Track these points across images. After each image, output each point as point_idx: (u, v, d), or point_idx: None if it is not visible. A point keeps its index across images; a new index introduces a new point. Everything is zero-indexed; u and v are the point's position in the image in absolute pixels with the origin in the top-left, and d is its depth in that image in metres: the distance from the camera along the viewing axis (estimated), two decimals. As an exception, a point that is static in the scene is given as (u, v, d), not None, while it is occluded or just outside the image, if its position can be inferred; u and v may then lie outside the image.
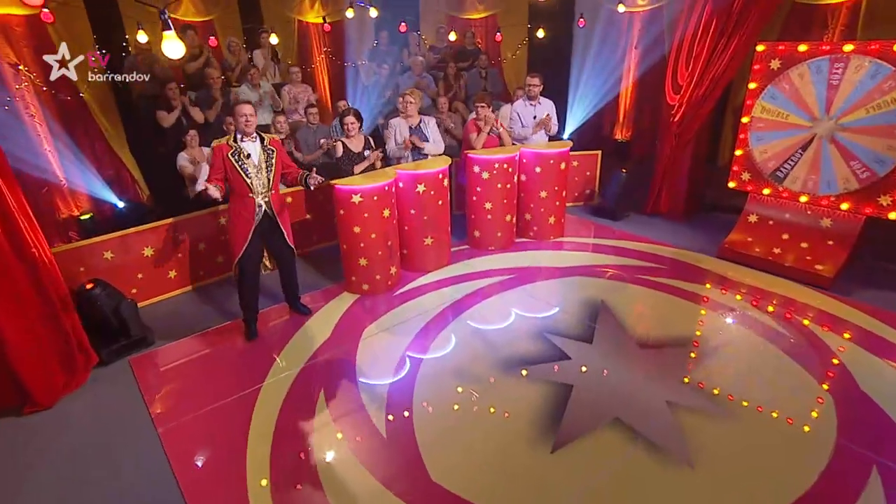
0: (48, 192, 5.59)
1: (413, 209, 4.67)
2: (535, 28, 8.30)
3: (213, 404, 3.24)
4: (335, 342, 3.86)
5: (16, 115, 5.19)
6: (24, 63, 5.32)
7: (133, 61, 5.94)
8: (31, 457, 2.89)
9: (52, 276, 3.36)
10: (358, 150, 4.66)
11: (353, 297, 4.53)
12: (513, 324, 4.02)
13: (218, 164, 3.52)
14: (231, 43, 6.59)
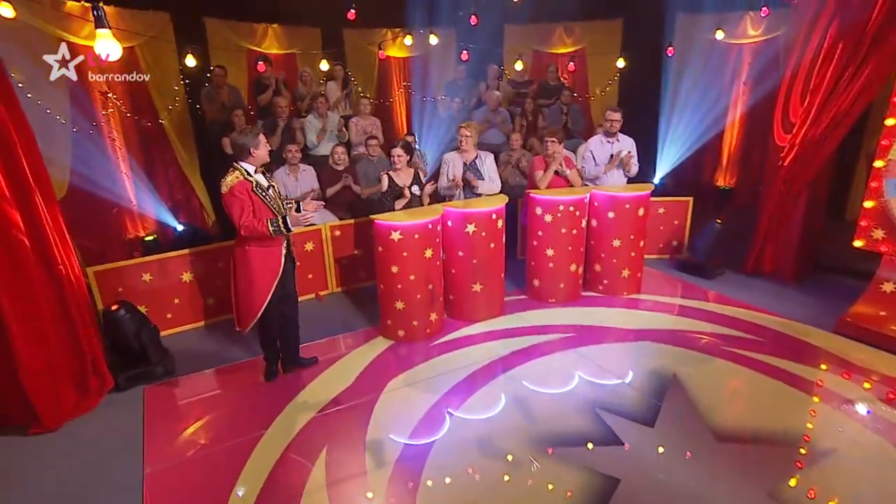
0: (118, 213, 6.03)
1: (461, 251, 4.40)
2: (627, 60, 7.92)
3: (210, 448, 3.10)
4: (355, 392, 3.62)
5: (99, 139, 5.70)
6: (113, 91, 5.88)
7: (209, 91, 6.37)
8: (12, 482, 2.88)
9: (77, 294, 3.47)
10: (404, 184, 4.52)
11: (387, 343, 4.30)
12: (561, 392, 3.54)
13: (248, 203, 3.30)
14: (304, 73, 6.90)
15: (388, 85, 8.88)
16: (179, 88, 6.54)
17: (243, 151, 3.32)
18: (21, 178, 3.17)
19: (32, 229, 3.22)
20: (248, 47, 7.10)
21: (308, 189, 5.53)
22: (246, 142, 3.32)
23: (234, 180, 3.28)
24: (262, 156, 3.38)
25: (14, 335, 3.11)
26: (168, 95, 6.42)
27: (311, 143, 6.27)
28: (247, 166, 3.36)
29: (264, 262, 3.42)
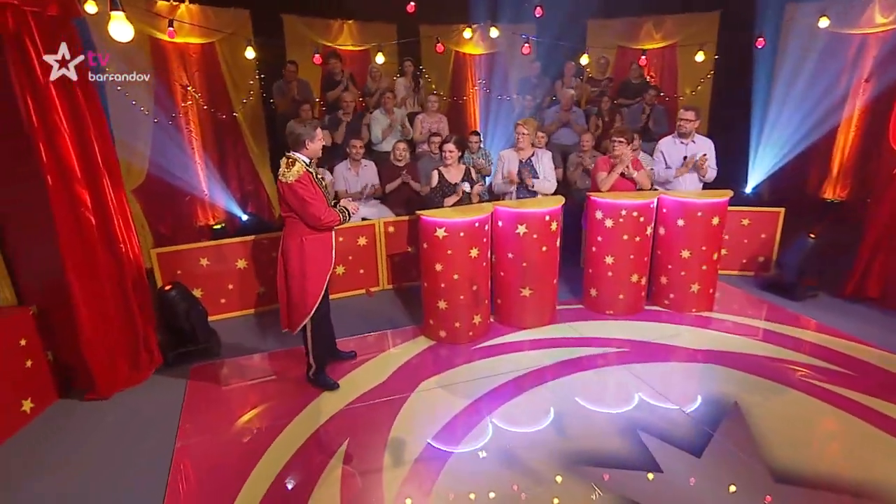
0: (191, 202, 6.56)
1: (511, 253, 4.35)
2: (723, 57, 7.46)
3: (238, 429, 3.30)
4: (387, 389, 3.69)
5: (177, 129, 6.25)
6: (193, 85, 6.43)
7: (281, 85, 6.78)
8: (64, 440, 3.23)
9: (135, 273, 3.81)
10: (455, 180, 4.54)
11: (427, 343, 4.34)
12: (601, 409, 3.39)
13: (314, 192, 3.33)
14: (373, 69, 7.13)
15: (463, 82, 8.98)
16: (254, 83, 7.01)
17: (299, 142, 3.37)
18: (92, 162, 3.54)
19: (99, 209, 3.58)
20: (322, 43, 7.46)
21: (367, 184, 5.71)
22: (303, 132, 3.34)
23: (299, 171, 3.30)
24: (315, 149, 3.42)
25: (79, 308, 3.47)
26: (243, 89, 6.91)
27: (376, 139, 6.48)
28: (304, 158, 3.39)
29: (320, 256, 3.44)
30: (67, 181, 3.38)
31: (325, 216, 3.34)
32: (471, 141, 6.21)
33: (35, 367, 3.50)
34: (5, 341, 3.32)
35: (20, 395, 3.39)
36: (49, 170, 3.28)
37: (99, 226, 3.58)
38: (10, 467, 3.02)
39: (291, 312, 3.53)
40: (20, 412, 3.38)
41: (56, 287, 3.48)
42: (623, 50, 8.59)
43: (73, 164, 3.39)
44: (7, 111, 3.21)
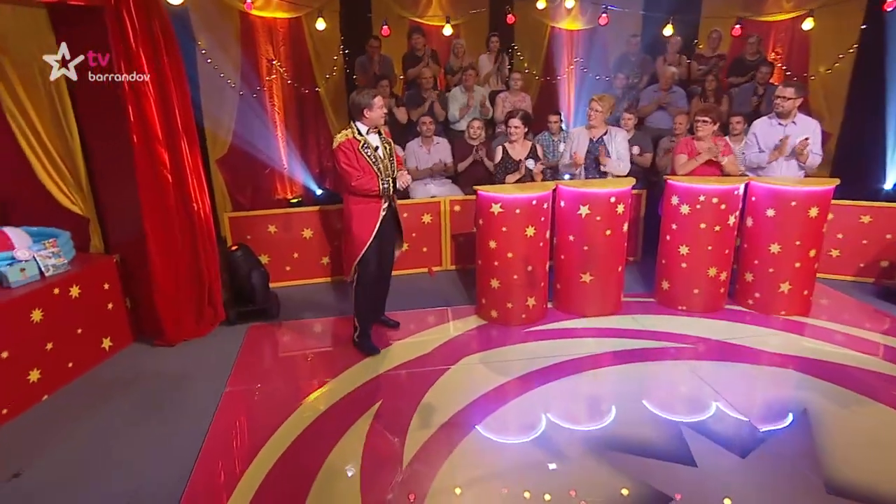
0: (270, 174, 7.24)
1: (572, 235, 4.44)
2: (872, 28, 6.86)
3: (280, 384, 3.75)
4: (428, 360, 3.97)
5: (260, 103, 6.93)
6: (278, 59, 7.09)
7: (363, 61, 7.26)
8: (133, 377, 3.86)
9: (205, 231, 4.38)
10: (519, 157, 4.69)
11: (479, 323, 4.55)
12: (642, 399, 3.43)
13: (354, 159, 3.78)
14: (457, 46, 7.40)
15: (558, 61, 8.99)
16: (338, 58, 7.57)
17: (358, 110, 3.78)
18: (172, 125, 4.13)
19: (175, 168, 4.17)
20: (408, 17, 7.85)
21: (437, 162, 6.01)
22: (360, 101, 3.75)
23: (343, 137, 3.78)
24: (374, 118, 3.79)
25: (153, 259, 4.08)
26: (327, 65, 7.49)
27: (453, 118, 6.75)
28: (360, 126, 3.81)
29: (364, 217, 3.88)
30: (150, 141, 3.99)
31: (355, 182, 3.74)
32: (550, 121, 6.29)
33: (115, 310, 4.17)
34: (93, 284, 3.99)
35: (101, 333, 4.07)
36: (135, 129, 3.90)
37: (175, 184, 4.18)
38: (89, 394, 3.67)
39: (344, 263, 4.06)
40: (100, 348, 4.06)
41: (136, 239, 4.11)
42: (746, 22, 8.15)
43: (155, 126, 4.00)
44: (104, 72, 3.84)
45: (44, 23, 3.85)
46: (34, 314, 3.53)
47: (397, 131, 6.51)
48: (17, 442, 3.19)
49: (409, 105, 6.80)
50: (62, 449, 3.13)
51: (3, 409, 3.35)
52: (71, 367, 3.80)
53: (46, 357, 3.61)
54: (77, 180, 4.13)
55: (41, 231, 4.05)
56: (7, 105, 3.82)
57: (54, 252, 3.83)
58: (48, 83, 3.87)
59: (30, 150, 3.94)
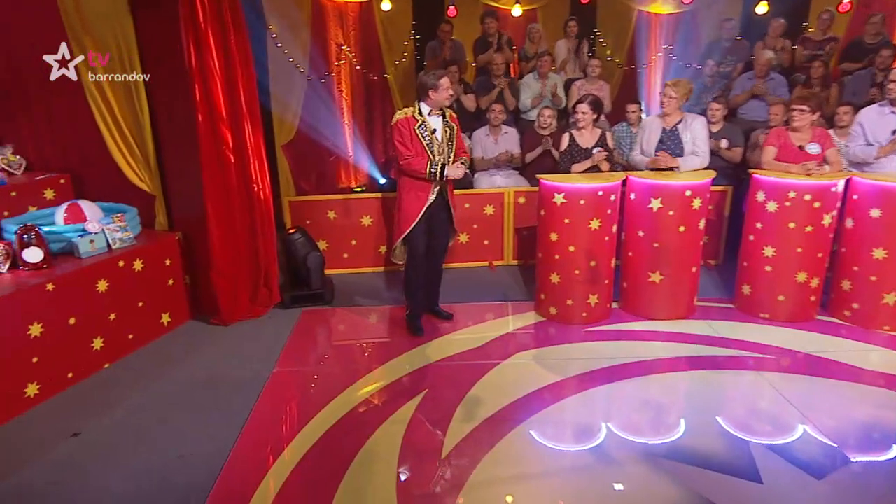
0: (335, 162, 7.52)
1: (642, 230, 4.35)
2: None
3: (327, 368, 3.94)
4: (478, 354, 4.04)
5: (328, 89, 7.21)
6: (347, 44, 7.35)
7: (434, 46, 7.40)
8: (187, 353, 4.16)
9: (264, 213, 4.64)
10: (587, 145, 4.64)
11: (536, 319, 4.57)
12: (710, 409, 3.32)
13: (408, 139, 3.98)
14: (532, 30, 7.39)
15: (643, 47, 8.77)
16: (409, 43, 7.76)
17: (423, 91, 4.00)
18: (237, 105, 4.41)
19: (238, 149, 4.45)
20: (484, 2, 7.92)
21: (504, 151, 6.04)
22: (427, 81, 3.97)
23: (402, 114, 4.02)
24: (439, 99, 3.98)
25: (213, 238, 4.38)
26: (397, 50, 7.69)
27: (524, 106, 6.77)
28: (423, 106, 4.01)
29: (412, 197, 4.08)
30: (214, 120, 4.28)
31: (403, 161, 3.96)
32: (629, 110, 6.17)
33: (175, 287, 4.50)
34: (155, 259, 4.33)
35: (161, 308, 4.40)
36: (200, 108, 4.19)
37: (237, 164, 4.46)
38: (146, 366, 4.00)
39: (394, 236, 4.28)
40: (159, 323, 4.39)
41: (198, 217, 4.41)
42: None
43: (220, 106, 4.29)
44: (174, 52, 4.15)
45: (122, 5, 4.20)
46: (100, 284, 3.88)
47: (466, 119, 6.58)
48: (79, 405, 3.53)
49: (478, 92, 6.86)
50: (118, 414, 3.43)
51: (69, 373, 3.71)
52: (131, 338, 4.14)
53: (109, 326, 3.95)
54: (146, 158, 4.48)
55: (111, 206, 4.43)
56: (86, 81, 4.22)
57: (121, 226, 4.18)
58: (124, 61, 4.23)
59: (105, 126, 4.34)
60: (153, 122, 4.43)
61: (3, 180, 4.27)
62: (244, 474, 2.87)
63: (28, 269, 3.69)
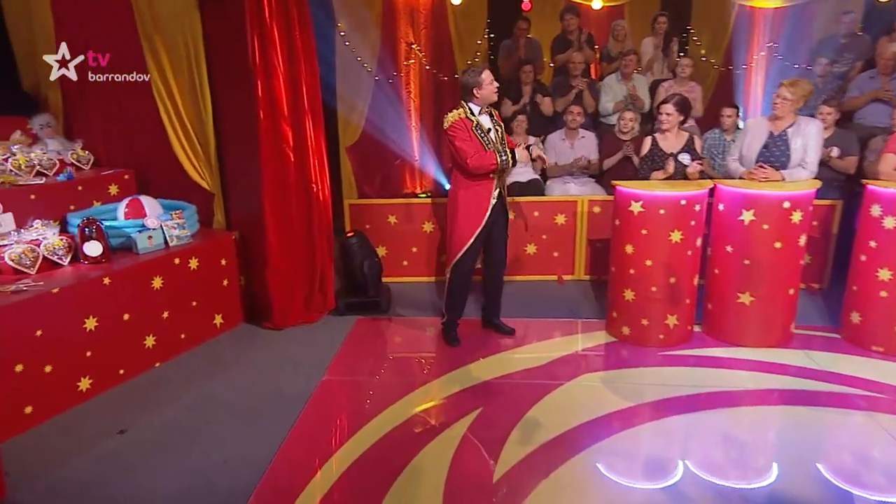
0: (400, 166, 7.62)
1: (731, 245, 4.15)
2: None
3: (379, 379, 3.98)
4: (541, 373, 3.96)
5: (396, 89, 7.34)
6: (418, 43, 7.47)
7: (509, 44, 7.40)
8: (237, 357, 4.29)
9: (322, 215, 4.76)
10: (672, 150, 4.48)
11: (607, 340, 4.45)
12: (814, 460, 3.08)
13: (469, 138, 3.96)
14: (616, 27, 7.25)
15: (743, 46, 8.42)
16: (482, 42, 7.80)
17: (468, 91, 4.02)
18: (298, 102, 4.56)
19: (298, 147, 4.59)
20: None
21: (580, 157, 5.94)
22: (469, 80, 4.00)
23: (455, 116, 4.02)
24: (486, 95, 4.01)
25: (270, 238, 4.51)
26: (469, 49, 7.75)
27: (605, 110, 6.65)
28: (472, 106, 4.04)
29: (472, 204, 4.06)
30: (276, 117, 4.43)
31: (471, 159, 3.90)
32: (724, 115, 5.94)
33: (229, 288, 4.67)
34: (211, 258, 4.51)
35: (214, 308, 4.57)
36: (262, 104, 4.35)
37: (296, 163, 4.59)
38: (197, 367, 4.15)
39: (448, 254, 4.27)
40: (212, 324, 4.56)
41: (255, 217, 4.57)
42: None
43: (282, 102, 4.44)
44: (239, 48, 4.34)
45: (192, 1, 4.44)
46: (155, 281, 4.07)
47: (541, 123, 6.57)
48: (129, 402, 3.70)
49: (554, 94, 6.80)
50: (166, 413, 3.58)
51: (121, 369, 3.90)
52: (183, 338, 4.32)
53: (162, 325, 4.14)
54: (207, 156, 4.69)
55: (171, 203, 4.65)
56: (154, 78, 4.48)
57: (179, 223, 4.38)
58: (190, 57, 4.47)
59: (169, 123, 4.60)
60: (215, 120, 4.64)
61: (71, 174, 4.57)
62: (287, 482, 2.92)
63: (88, 263, 3.92)
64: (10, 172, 4.30)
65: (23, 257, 3.70)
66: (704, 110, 7.02)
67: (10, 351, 3.27)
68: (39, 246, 3.80)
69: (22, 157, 4.40)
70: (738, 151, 4.48)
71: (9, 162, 4.31)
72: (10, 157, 4.35)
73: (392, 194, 7.29)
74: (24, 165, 4.38)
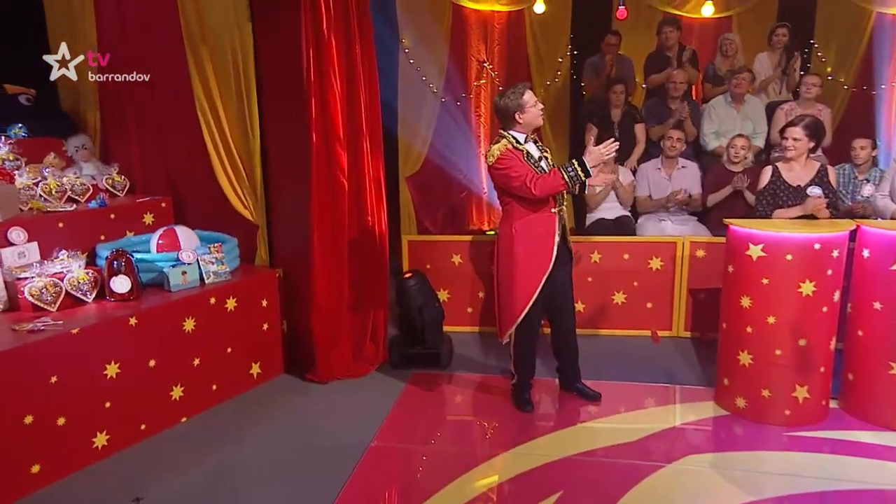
0: (466, 199, 7.49)
1: (880, 302, 3.77)
2: None
3: (437, 447, 3.83)
4: (634, 450, 3.69)
5: (464, 112, 7.27)
6: (490, 61, 7.41)
7: (595, 62, 7.23)
8: (275, 412, 4.19)
9: (377, 252, 4.65)
10: (798, 182, 4.16)
11: (717, 413, 4.13)
12: None
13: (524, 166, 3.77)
14: (725, 42, 6.92)
15: (882, 62, 7.93)
16: (564, 60, 7.67)
17: (508, 117, 3.84)
18: (356, 123, 4.49)
19: (354, 174, 4.50)
20: (662, 10, 7.64)
21: (678, 190, 5.67)
22: (510, 104, 3.78)
23: (502, 147, 3.80)
24: (530, 119, 3.83)
25: (317, 276, 4.40)
26: (549, 68, 7.63)
27: (706, 139, 6.36)
28: (515, 134, 3.87)
29: (532, 250, 3.84)
30: (329, 139, 4.36)
31: (536, 186, 3.68)
32: (855, 147, 5.55)
33: (269, 333, 4.58)
34: (251, 298, 4.43)
35: (252, 356, 4.47)
36: (315, 125, 4.29)
37: (351, 192, 4.50)
38: (228, 425, 4.04)
39: (500, 315, 4.08)
40: (248, 374, 4.46)
41: (302, 253, 4.47)
42: None
43: (337, 123, 4.36)
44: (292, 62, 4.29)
45: (242, 9, 4.46)
46: (187, 323, 4.01)
47: (629, 150, 6.37)
48: (149, 463, 3.61)
49: (648, 119, 6.59)
50: (188, 478, 3.45)
51: (142, 424, 3.82)
52: (215, 389, 4.22)
53: (192, 374, 4.05)
54: (252, 182, 4.66)
55: (210, 235, 4.64)
56: (198, 95, 4.52)
57: (218, 258, 4.33)
58: (239, 74, 4.48)
59: (213, 146, 4.61)
60: (263, 142, 4.61)
61: (104, 201, 4.61)
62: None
63: (114, 300, 3.90)
64: (39, 198, 4.35)
65: (44, 292, 3.69)
66: (831, 138, 6.61)
67: (21, 399, 3.21)
68: (63, 280, 3.79)
69: (53, 181, 4.46)
70: (888, 185, 4.16)
71: (39, 187, 4.37)
72: (41, 182, 4.42)
73: (456, 230, 7.16)
74: (54, 191, 4.43)
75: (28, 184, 4.34)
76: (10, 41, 5.01)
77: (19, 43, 5.22)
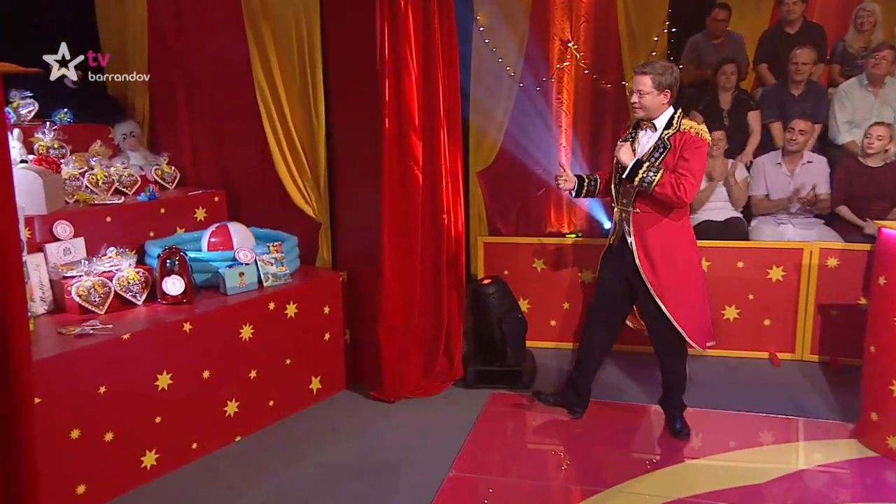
0: (544, 196, 7.36)
1: None
2: None
3: (520, 479, 3.78)
4: (760, 496, 3.52)
5: (544, 98, 7.14)
6: (575, 40, 7.27)
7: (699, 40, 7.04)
8: (336, 434, 4.17)
9: (453, 254, 4.60)
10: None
11: (862, 453, 3.92)
12: None
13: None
14: (861, 13, 6.55)
15: None
16: (660, 39, 7.47)
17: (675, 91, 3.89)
18: (433, 108, 4.44)
19: (429, 166, 4.46)
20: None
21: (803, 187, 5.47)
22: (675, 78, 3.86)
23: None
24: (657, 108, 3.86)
25: (387, 281, 4.34)
26: (643, 49, 7.44)
27: (833, 133, 6.15)
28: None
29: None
30: (403, 126, 4.31)
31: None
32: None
33: (331, 343, 4.58)
34: (312, 305, 4.42)
35: (312, 370, 4.47)
36: (388, 111, 4.24)
37: (426, 187, 4.46)
38: (284, 444, 4.03)
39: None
40: (307, 389, 4.45)
41: (369, 254, 4.44)
42: None
43: (413, 109, 4.32)
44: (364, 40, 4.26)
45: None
46: (244, 330, 4.01)
47: (741, 142, 6.23)
48: (199, 486, 3.62)
49: (765, 106, 6.37)
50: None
51: (194, 442, 3.82)
52: (272, 405, 4.22)
53: (248, 387, 4.06)
54: (315, 175, 4.66)
55: (267, 233, 4.65)
56: (258, 77, 4.54)
57: (277, 258, 4.34)
58: (304, 53, 4.48)
59: (272, 134, 4.64)
60: (328, 130, 4.59)
61: (154, 194, 4.66)
62: None
63: (166, 303, 3.92)
64: (85, 189, 4.42)
65: (92, 293, 3.73)
66: None
67: (68, 411, 3.23)
68: (112, 280, 3.83)
69: (100, 171, 4.54)
70: None
71: (85, 177, 4.45)
72: (88, 172, 4.49)
73: (530, 232, 7.04)
74: (101, 182, 4.51)
75: (74, 174, 4.42)
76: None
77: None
